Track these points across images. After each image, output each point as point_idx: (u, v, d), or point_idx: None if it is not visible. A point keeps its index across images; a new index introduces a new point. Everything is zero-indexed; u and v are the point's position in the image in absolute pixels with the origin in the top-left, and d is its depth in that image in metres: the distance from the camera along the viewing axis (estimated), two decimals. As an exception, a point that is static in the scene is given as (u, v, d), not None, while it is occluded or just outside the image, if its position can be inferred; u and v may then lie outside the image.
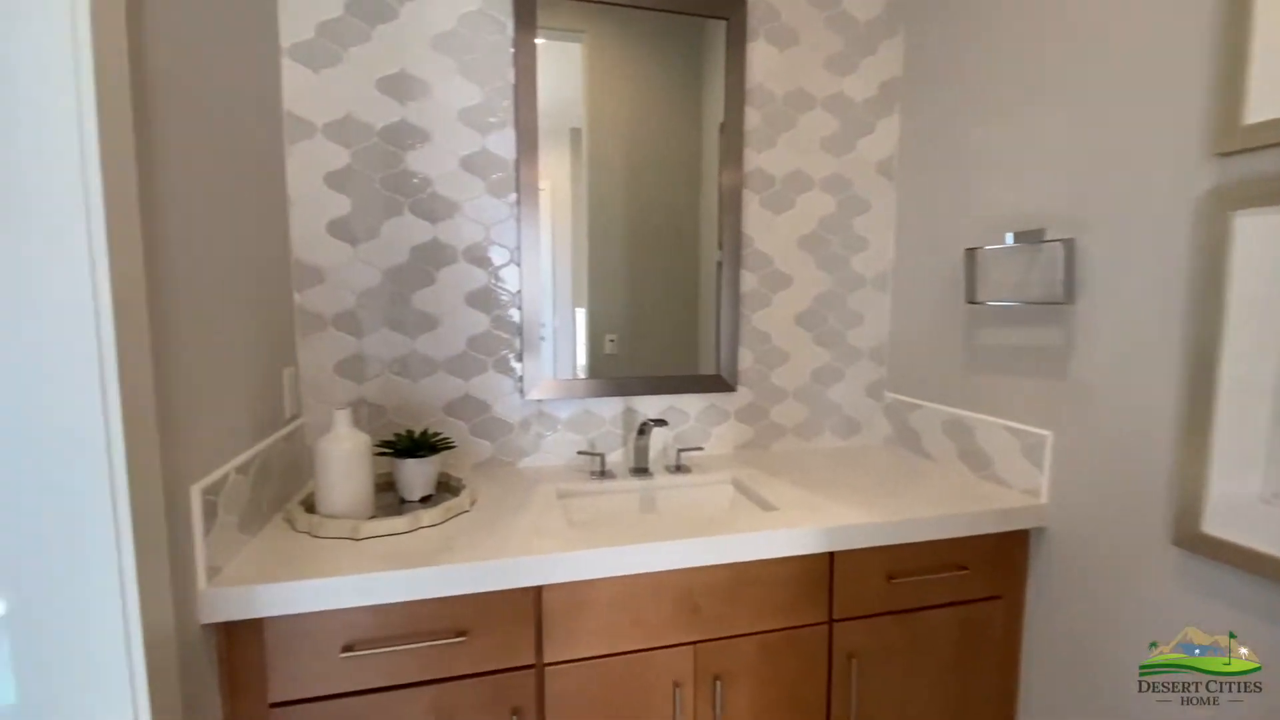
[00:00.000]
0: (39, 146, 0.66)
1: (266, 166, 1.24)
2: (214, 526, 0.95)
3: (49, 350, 0.68)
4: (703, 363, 1.62)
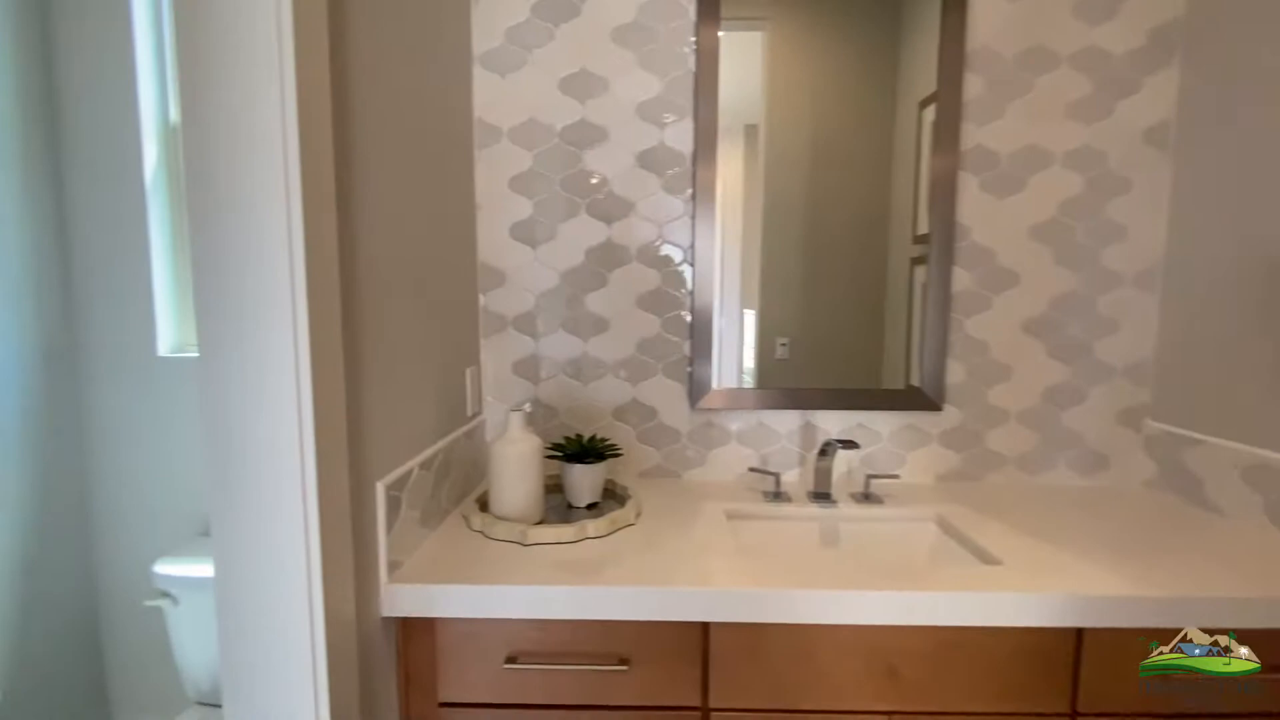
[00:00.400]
0: (248, 150, 0.70)
1: (458, 173, 1.29)
2: (397, 521, 0.98)
3: (252, 347, 0.72)
4: (887, 374, 1.41)
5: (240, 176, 0.70)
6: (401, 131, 1.01)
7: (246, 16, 0.68)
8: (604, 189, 1.38)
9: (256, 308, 0.71)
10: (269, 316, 0.71)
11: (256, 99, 0.69)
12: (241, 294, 0.71)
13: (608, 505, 1.26)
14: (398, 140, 1.00)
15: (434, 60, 1.16)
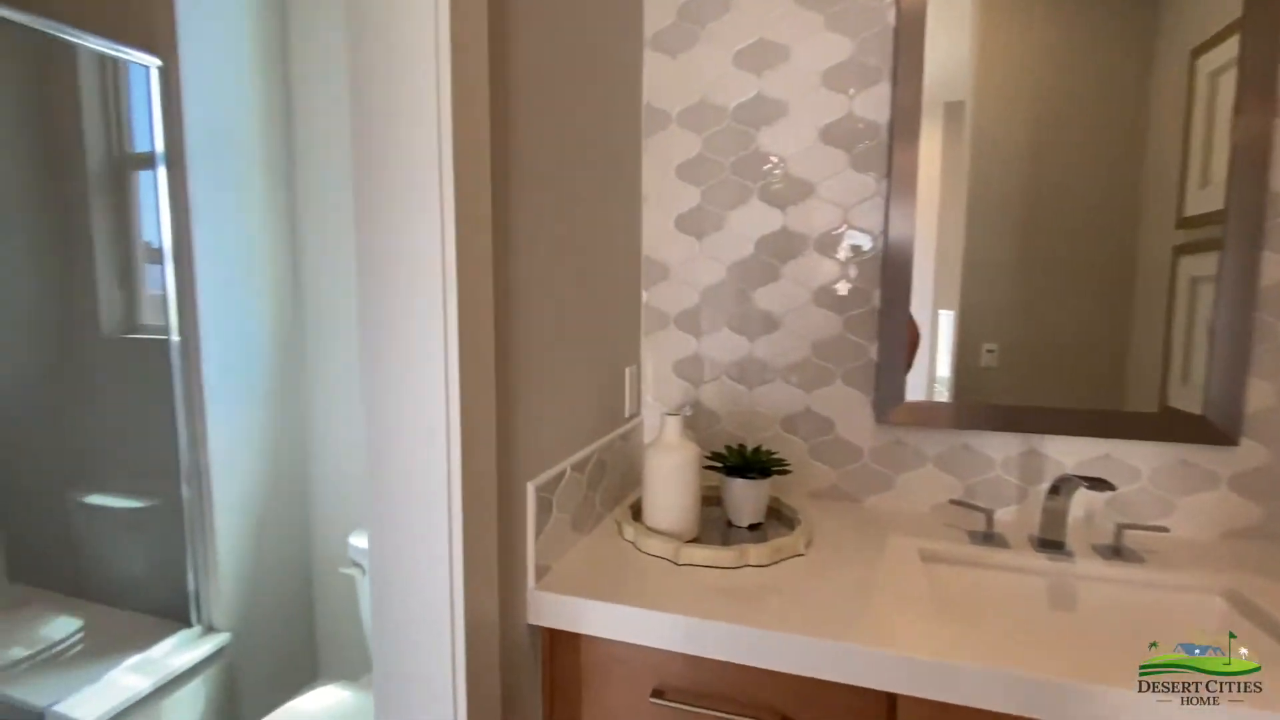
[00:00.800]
0: (404, 144, 0.68)
1: (625, 162, 1.23)
2: (547, 524, 0.93)
3: (403, 340, 0.70)
4: (1133, 392, 1.08)
5: (395, 172, 0.68)
6: (566, 119, 0.96)
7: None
8: (780, 170, 1.23)
9: (408, 299, 0.69)
10: (419, 308, 0.69)
11: (410, 84, 0.66)
12: (396, 284, 0.70)
13: (772, 528, 1.11)
14: (562, 129, 0.95)
15: (603, 46, 1.10)
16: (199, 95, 1.43)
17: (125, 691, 1.27)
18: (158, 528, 1.54)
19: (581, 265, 1.05)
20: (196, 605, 1.48)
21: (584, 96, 1.03)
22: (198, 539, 1.48)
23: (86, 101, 1.67)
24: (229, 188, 1.51)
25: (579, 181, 1.03)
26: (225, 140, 1.49)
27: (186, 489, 1.47)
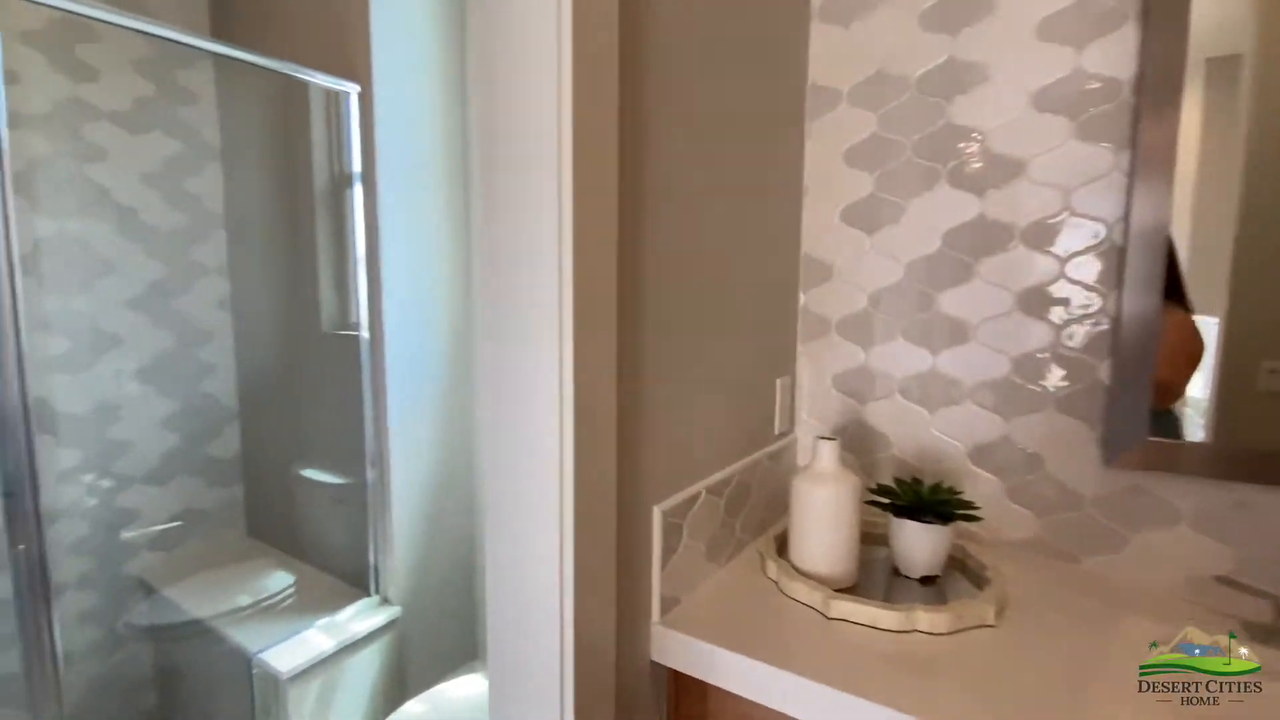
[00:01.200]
0: (520, 125, 0.63)
1: (783, 150, 1.10)
2: (676, 552, 0.85)
3: (520, 345, 0.66)
4: None
5: (513, 155, 0.64)
6: (712, 104, 0.87)
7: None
8: (977, 147, 1.01)
9: (523, 301, 0.65)
10: (535, 309, 0.64)
11: (529, 67, 0.61)
12: (513, 284, 0.66)
13: (952, 584, 0.92)
14: (706, 115, 0.86)
15: (758, 21, 0.98)
16: (389, 117, 1.56)
17: (315, 649, 1.43)
18: (352, 503, 1.73)
19: (727, 266, 0.94)
20: (375, 578, 1.64)
21: (734, 78, 0.93)
22: (378, 517, 1.63)
23: (315, 129, 1.93)
24: (412, 201, 1.64)
25: (726, 173, 0.92)
26: (410, 157, 1.62)
27: (371, 471, 1.63)
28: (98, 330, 1.70)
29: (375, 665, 1.56)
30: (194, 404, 1.91)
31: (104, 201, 1.70)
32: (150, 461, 1.82)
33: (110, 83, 1.69)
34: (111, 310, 1.72)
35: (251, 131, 1.93)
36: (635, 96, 0.72)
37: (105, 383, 1.72)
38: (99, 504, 1.72)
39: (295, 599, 1.69)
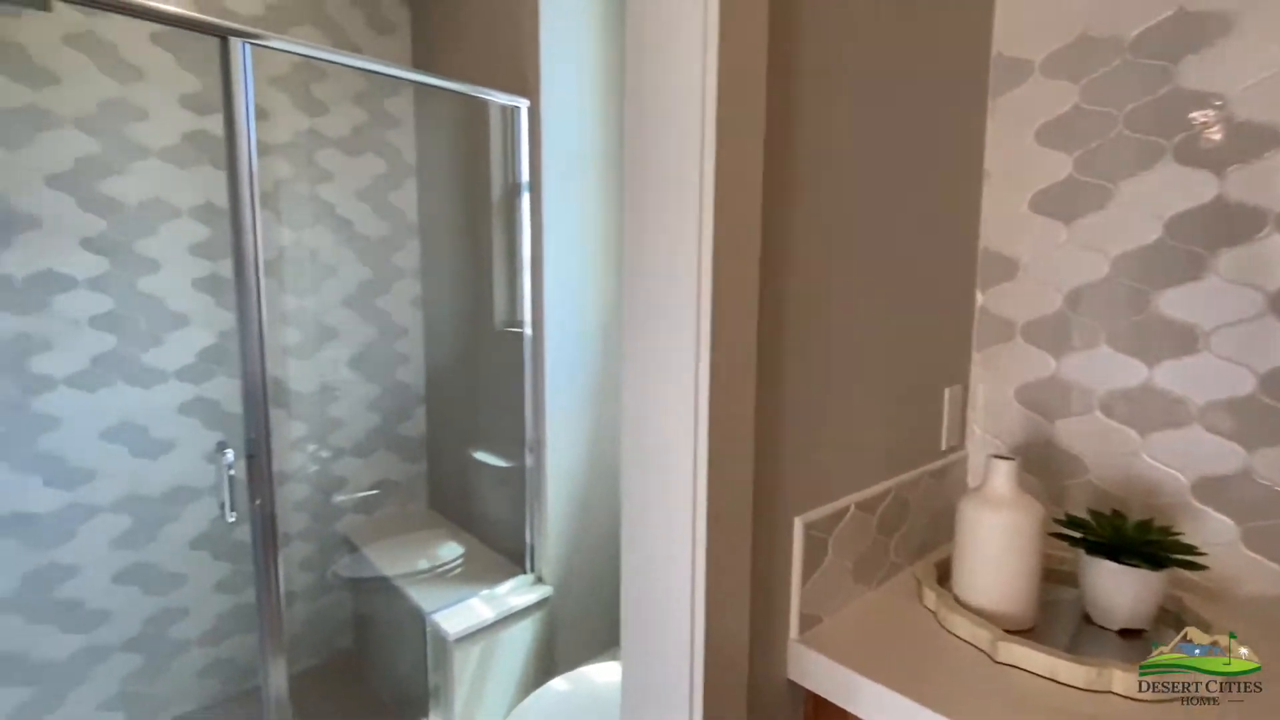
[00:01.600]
0: (663, 102, 0.63)
1: (957, 133, 0.99)
2: (819, 568, 0.80)
3: (656, 348, 0.66)
4: None
5: (657, 140, 0.64)
6: (877, 82, 0.80)
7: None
8: (1216, 114, 0.83)
9: (664, 302, 0.65)
10: (671, 310, 0.64)
11: (673, 47, 0.61)
12: (652, 289, 0.66)
13: (1161, 638, 0.76)
14: (870, 95, 0.79)
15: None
16: (554, 128, 1.66)
17: (478, 617, 1.57)
18: (514, 486, 1.87)
19: (888, 262, 0.87)
20: (531, 557, 1.76)
21: (902, 54, 0.85)
22: (534, 500, 1.74)
23: (493, 142, 2.11)
24: (573, 207, 1.73)
25: (889, 159, 0.85)
26: (572, 166, 1.71)
27: (529, 457, 1.75)
28: (321, 324, 2.02)
29: (528, 640, 1.68)
30: (391, 389, 2.19)
31: (329, 215, 2.00)
32: (357, 436, 2.12)
33: (335, 114, 1.99)
34: (331, 307, 2.03)
35: (441, 148, 2.17)
36: (786, 81, 0.68)
37: (325, 368, 2.03)
38: (318, 470, 2.04)
39: (463, 568, 1.87)
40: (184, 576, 1.79)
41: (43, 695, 1.60)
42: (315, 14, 1.92)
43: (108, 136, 1.60)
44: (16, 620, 1.55)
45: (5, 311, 1.49)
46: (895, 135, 0.85)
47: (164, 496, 1.73)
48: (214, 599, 1.84)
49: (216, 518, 1.81)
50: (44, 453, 1.56)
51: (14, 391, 1.51)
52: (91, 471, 1.62)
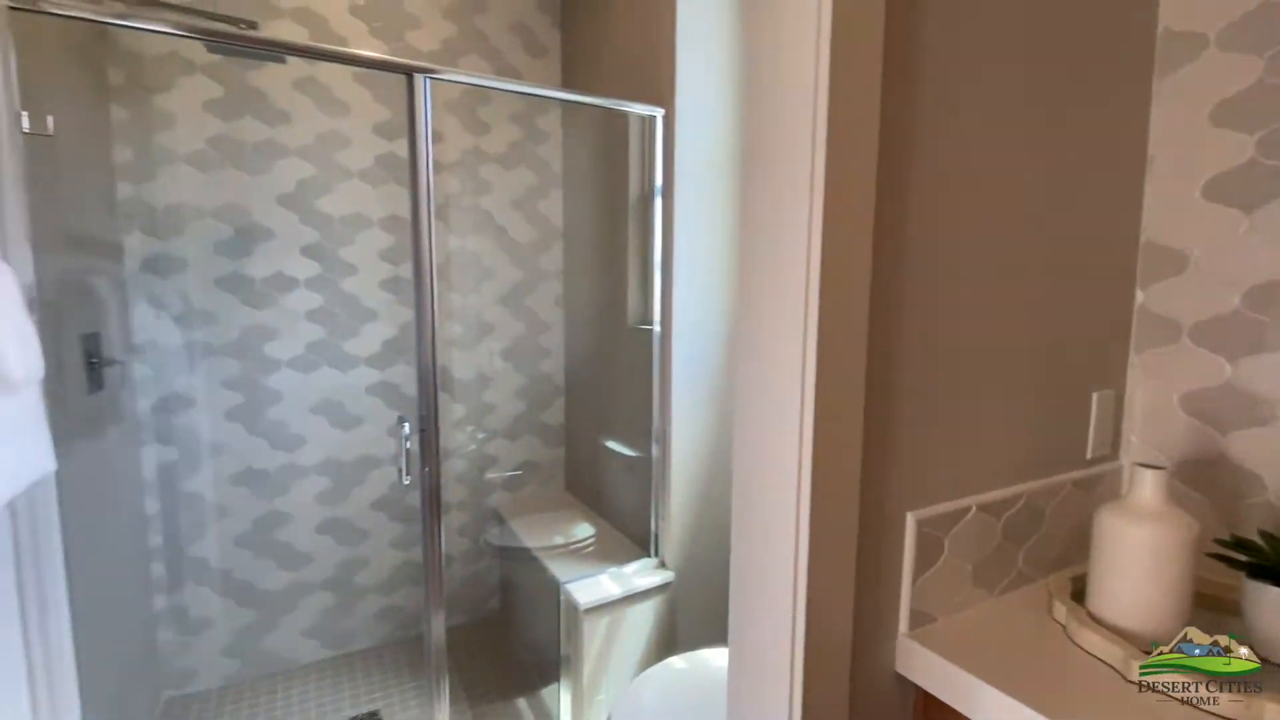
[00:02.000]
0: (780, 91, 0.67)
1: (1116, 116, 0.92)
2: (934, 566, 0.80)
3: (765, 338, 0.70)
4: None
5: (772, 126, 0.68)
6: (1017, 60, 0.78)
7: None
8: None
9: (772, 291, 0.69)
10: (779, 300, 0.68)
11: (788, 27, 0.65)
12: (764, 271, 0.71)
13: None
14: (1007, 74, 0.78)
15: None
16: (687, 135, 1.74)
17: (605, 592, 1.69)
18: (640, 474, 1.98)
19: (1025, 253, 0.84)
20: (655, 542, 1.85)
21: (1048, 32, 0.81)
22: (659, 489, 1.84)
23: (632, 150, 2.24)
24: (703, 209, 1.80)
25: (1027, 144, 0.82)
26: (703, 170, 1.78)
27: (655, 448, 1.84)
28: (480, 320, 2.27)
29: (650, 618, 1.77)
30: (536, 379, 2.41)
31: (488, 223, 2.25)
32: (506, 421, 2.35)
33: (496, 133, 2.23)
34: (489, 305, 2.28)
35: (584, 158, 2.34)
36: (907, 55, 0.70)
37: (482, 359, 2.28)
38: (474, 449, 2.30)
39: (594, 548, 2.02)
40: (367, 532, 2.11)
41: (263, 618, 1.97)
42: (480, 44, 2.17)
43: (321, 162, 1.93)
44: (248, 554, 1.93)
45: (248, 307, 1.86)
46: (1038, 119, 0.82)
47: (354, 463, 2.06)
48: (389, 554, 2.15)
49: (394, 484, 2.11)
50: (271, 421, 1.93)
51: (252, 371, 1.89)
52: (302, 438, 1.97)
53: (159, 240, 1.75)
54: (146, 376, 1.76)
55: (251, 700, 1.88)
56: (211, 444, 1.86)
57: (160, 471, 1.80)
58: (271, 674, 1.98)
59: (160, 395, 1.78)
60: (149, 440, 1.78)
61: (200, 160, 1.77)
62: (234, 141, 1.81)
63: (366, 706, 1.87)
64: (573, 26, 2.30)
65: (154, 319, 1.75)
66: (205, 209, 1.79)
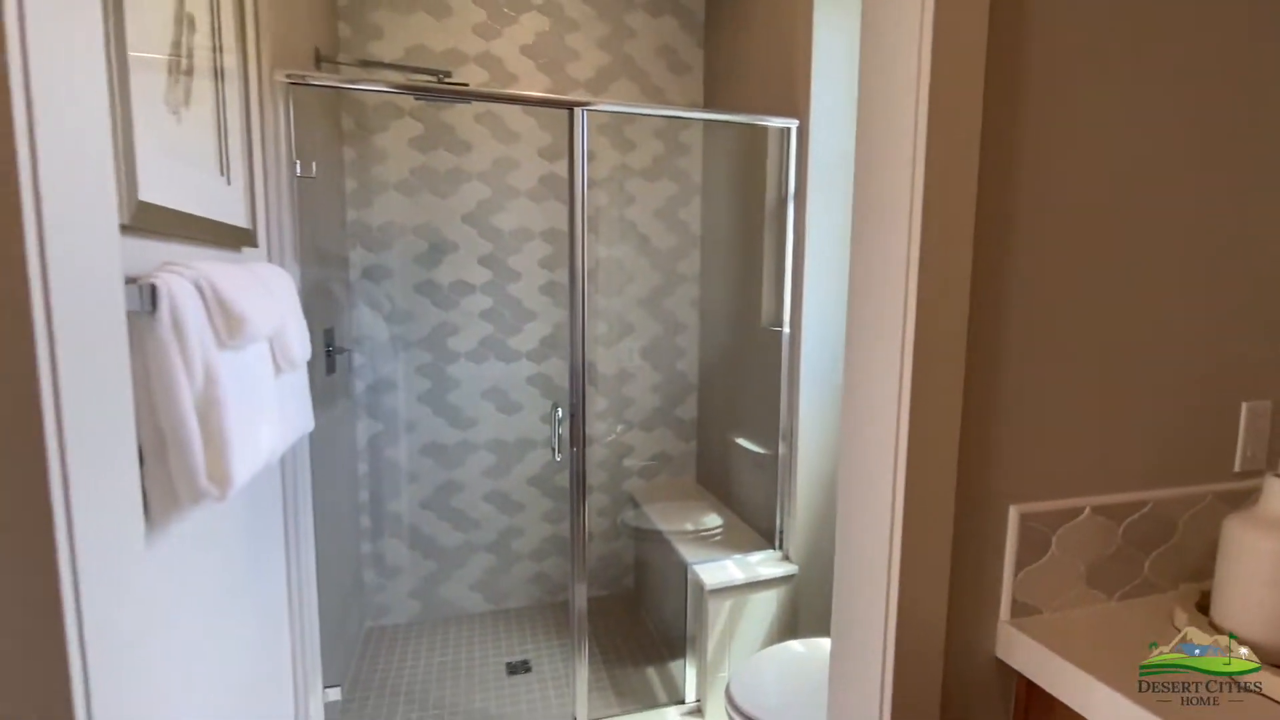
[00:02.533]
0: (879, 105, 0.76)
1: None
2: (1039, 561, 0.83)
3: (869, 327, 0.79)
4: None
5: (879, 128, 0.77)
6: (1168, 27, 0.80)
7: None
8: None
9: (873, 276, 0.78)
10: (879, 283, 0.77)
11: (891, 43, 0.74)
12: (867, 264, 0.80)
13: None
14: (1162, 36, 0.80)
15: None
16: (820, 143, 1.81)
17: (730, 576, 1.81)
18: (768, 471, 2.07)
19: (1171, 256, 0.84)
20: (779, 536, 1.93)
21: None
22: (785, 486, 1.92)
23: (770, 159, 2.34)
24: (834, 216, 1.85)
25: (1174, 118, 0.82)
26: (834, 177, 1.83)
27: (782, 446, 1.92)
28: (622, 320, 2.49)
29: (772, 606, 1.86)
30: (670, 377, 2.58)
31: (632, 232, 2.46)
32: (643, 414, 2.55)
33: (641, 149, 2.43)
34: (630, 307, 2.49)
35: (722, 168, 2.47)
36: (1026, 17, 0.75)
37: (623, 356, 2.50)
38: (614, 438, 2.53)
39: (721, 536, 2.14)
40: (523, 505, 2.41)
41: (441, 570, 2.34)
42: (629, 69, 2.38)
43: (496, 184, 2.25)
44: (431, 515, 2.31)
45: (437, 308, 2.23)
46: (1189, 89, 0.82)
47: (515, 443, 2.37)
48: (541, 526, 2.44)
49: (546, 464, 2.39)
50: (450, 404, 2.28)
51: (438, 361, 2.26)
52: (474, 419, 2.31)
53: (374, 254, 2.16)
54: (363, 363, 2.18)
55: (430, 637, 2.24)
56: (406, 420, 2.25)
57: (369, 441, 2.22)
58: (445, 618, 2.35)
59: (372, 379, 2.20)
60: (362, 415, 2.21)
61: (405, 187, 2.16)
62: (430, 170, 2.18)
63: (520, 656, 2.15)
64: (715, 44, 2.44)
65: (370, 317, 2.17)
66: (407, 227, 2.18)
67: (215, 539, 0.96)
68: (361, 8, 2.06)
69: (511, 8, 2.21)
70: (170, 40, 0.83)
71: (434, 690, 1.98)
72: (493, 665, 2.10)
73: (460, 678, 2.04)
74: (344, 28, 2.05)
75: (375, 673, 2.05)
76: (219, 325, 0.77)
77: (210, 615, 0.93)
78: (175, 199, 0.81)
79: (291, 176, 1.39)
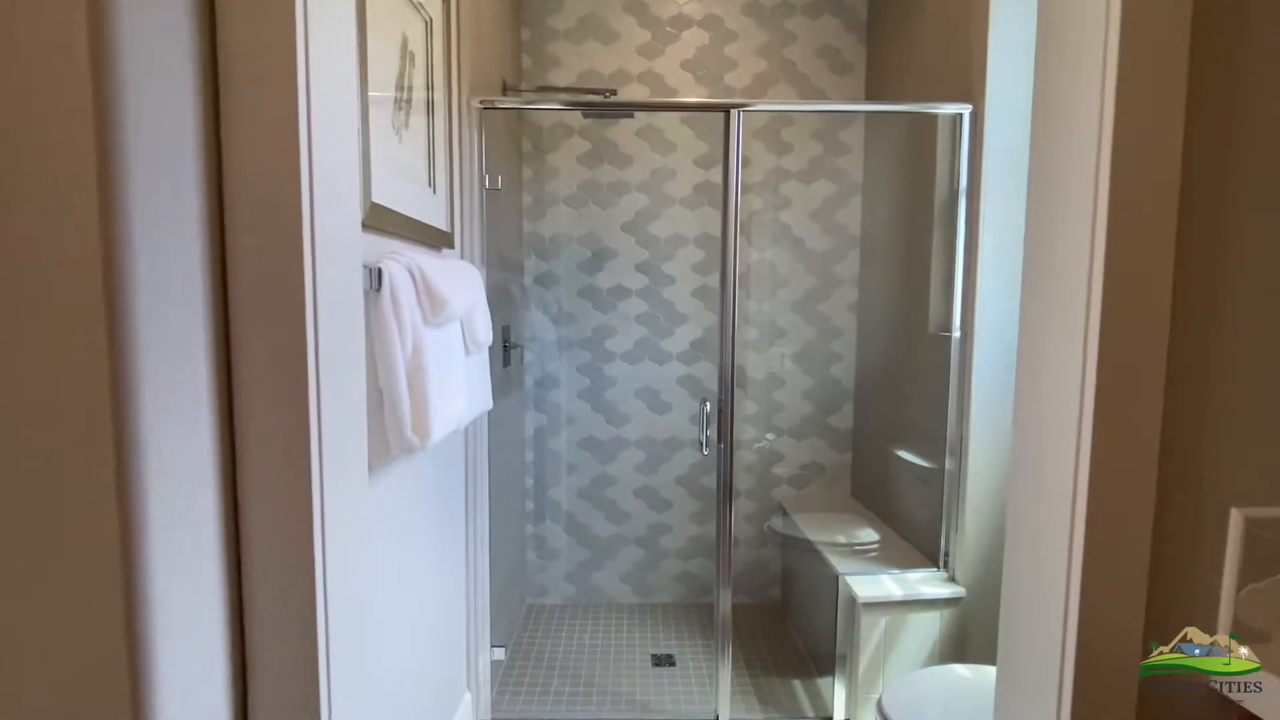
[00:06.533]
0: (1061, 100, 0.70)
1: None
2: (1272, 576, 0.70)
3: (1049, 301, 0.73)
4: None
5: (1057, 160, 0.72)
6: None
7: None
8: None
9: (1056, 257, 0.72)
10: (1062, 268, 0.71)
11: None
12: (1049, 251, 0.74)
13: None
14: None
15: None
16: (996, 132, 1.67)
17: (886, 591, 1.71)
18: (933, 486, 1.93)
19: None
20: (945, 556, 1.78)
21: None
22: (953, 503, 1.77)
23: (940, 151, 2.20)
24: (1013, 210, 1.69)
25: None
26: (1013, 166, 1.68)
27: (950, 460, 1.78)
28: (773, 325, 2.47)
29: (934, 629, 1.72)
30: (824, 383, 2.50)
31: (786, 236, 2.44)
32: (794, 421, 2.50)
33: (797, 151, 2.41)
34: (782, 311, 2.47)
35: (886, 164, 2.37)
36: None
37: (773, 361, 2.48)
38: (763, 444, 2.50)
39: (878, 553, 2.02)
40: (670, 503, 2.47)
41: (594, 558, 2.48)
42: (788, 72, 2.38)
43: (654, 193, 2.37)
44: (587, 505, 2.46)
45: (597, 311, 2.39)
46: None
47: (664, 442, 2.45)
48: (688, 525, 2.48)
49: (694, 464, 2.44)
50: (606, 401, 2.42)
51: (597, 361, 2.41)
52: (627, 417, 2.43)
53: (544, 262, 2.37)
54: (532, 360, 2.40)
55: (582, 621, 2.38)
56: (567, 415, 2.42)
57: (535, 431, 2.43)
58: (596, 604, 2.47)
59: (539, 375, 2.41)
60: (530, 407, 2.42)
61: (573, 200, 2.36)
62: (595, 184, 2.36)
63: (664, 649, 2.21)
64: (879, 40, 2.36)
65: (539, 319, 2.38)
66: (573, 237, 2.37)
67: (411, 495, 1.13)
68: (541, 41, 2.29)
69: (674, 25, 2.32)
70: (396, 72, 1.01)
71: (585, 669, 2.09)
72: (639, 654, 2.17)
73: (609, 662, 2.13)
74: (526, 60, 2.30)
75: (534, 645, 2.22)
76: (425, 305, 0.92)
77: (404, 562, 1.09)
78: (396, 203, 0.98)
79: (482, 189, 1.59)
